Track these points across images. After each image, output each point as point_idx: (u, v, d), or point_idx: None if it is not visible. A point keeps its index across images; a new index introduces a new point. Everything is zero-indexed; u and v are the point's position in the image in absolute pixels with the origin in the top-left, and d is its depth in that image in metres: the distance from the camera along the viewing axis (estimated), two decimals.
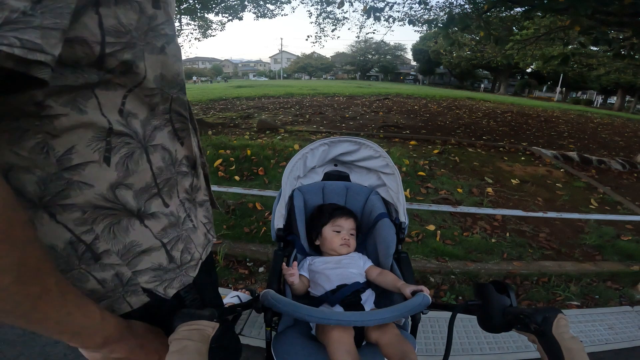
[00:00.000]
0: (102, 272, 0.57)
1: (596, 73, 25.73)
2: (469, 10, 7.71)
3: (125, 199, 0.56)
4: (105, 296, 0.59)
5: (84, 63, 0.44)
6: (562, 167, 5.63)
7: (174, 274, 0.67)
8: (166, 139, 0.62)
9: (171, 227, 0.65)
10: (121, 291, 0.61)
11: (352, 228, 1.45)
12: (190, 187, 0.72)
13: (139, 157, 0.56)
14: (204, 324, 0.79)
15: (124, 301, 0.62)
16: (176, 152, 0.65)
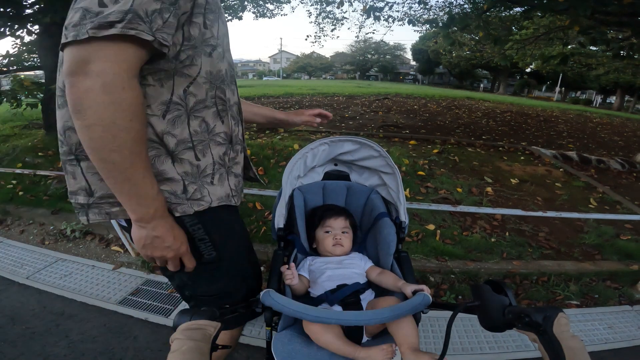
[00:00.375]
0: None
1: (595, 73, 25.77)
2: (468, 10, 7.72)
3: (167, 142, 0.84)
4: None
5: (170, 55, 0.78)
6: (562, 167, 5.64)
7: (180, 201, 0.88)
8: (209, 115, 0.90)
9: (192, 173, 0.89)
10: None
11: (343, 227, 1.44)
12: (224, 155, 0.96)
13: (183, 121, 0.85)
14: (206, 323, 0.79)
15: None
16: (215, 126, 0.92)
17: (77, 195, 0.85)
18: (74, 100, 0.66)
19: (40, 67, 5.54)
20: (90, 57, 0.64)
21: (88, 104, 0.65)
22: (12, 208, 3.50)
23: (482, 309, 0.91)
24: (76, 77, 0.64)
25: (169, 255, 0.87)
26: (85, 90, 0.64)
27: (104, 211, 0.85)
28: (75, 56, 0.64)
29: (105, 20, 0.62)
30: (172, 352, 0.71)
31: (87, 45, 0.64)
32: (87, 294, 2.30)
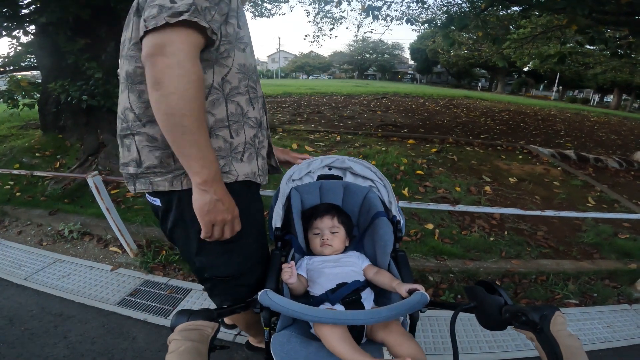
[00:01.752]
0: None
1: (593, 72, 25.80)
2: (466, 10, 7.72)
3: (207, 120, 0.97)
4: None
5: (211, 47, 0.94)
6: (560, 166, 5.65)
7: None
8: (243, 101, 1.06)
9: (224, 149, 1.03)
10: (182, 171, 0.99)
11: (330, 226, 1.44)
12: (254, 138, 1.11)
13: (221, 103, 1.00)
14: (203, 324, 0.79)
15: (180, 180, 1.01)
16: (248, 111, 1.08)
17: (128, 166, 1.01)
18: (154, 75, 0.82)
19: (37, 67, 5.51)
20: (166, 40, 0.81)
21: (167, 77, 0.82)
22: (10, 209, 3.49)
23: (479, 310, 0.91)
24: (156, 57, 0.82)
25: (227, 217, 0.99)
26: (165, 66, 0.81)
27: (148, 181, 1.01)
28: (155, 41, 0.82)
29: (177, 10, 0.81)
30: (169, 353, 0.71)
31: (163, 32, 0.81)
32: (85, 294, 2.29)
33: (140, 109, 0.96)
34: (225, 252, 1.11)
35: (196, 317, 0.79)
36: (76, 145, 4.94)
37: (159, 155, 0.98)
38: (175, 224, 1.08)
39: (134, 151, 0.99)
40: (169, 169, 0.99)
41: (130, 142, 0.99)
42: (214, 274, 1.16)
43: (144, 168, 0.99)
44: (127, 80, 0.96)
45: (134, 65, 0.94)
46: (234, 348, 1.83)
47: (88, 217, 3.22)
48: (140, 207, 3.38)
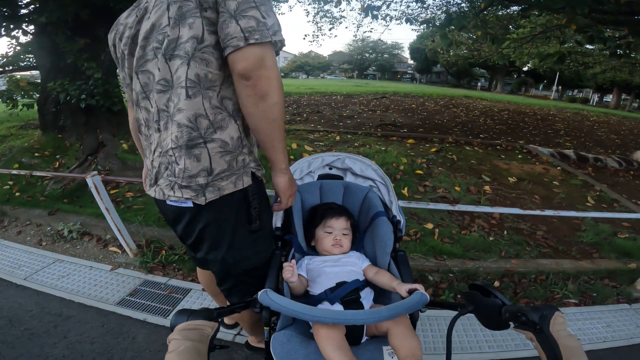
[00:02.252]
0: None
1: (592, 71, 25.80)
2: (465, 9, 7.72)
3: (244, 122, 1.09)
4: None
5: None
6: (559, 165, 5.65)
7: (260, 168, 1.15)
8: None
9: (252, 144, 1.12)
10: (242, 171, 1.09)
11: (344, 228, 1.45)
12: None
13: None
14: (203, 323, 0.78)
15: (242, 179, 1.10)
16: None
17: (198, 177, 1.02)
18: (261, 88, 0.92)
19: (36, 67, 5.50)
20: (266, 55, 0.90)
21: (273, 89, 0.93)
22: (9, 209, 3.49)
23: (478, 313, 0.91)
24: (260, 70, 0.90)
25: (294, 191, 1.25)
26: (270, 79, 0.92)
27: (217, 187, 1.04)
28: (258, 54, 0.89)
29: (274, 29, 0.91)
30: (169, 353, 0.71)
31: (264, 47, 0.90)
32: (85, 295, 2.29)
33: (213, 115, 1.00)
34: (252, 242, 1.18)
35: (196, 317, 0.79)
36: (75, 145, 4.93)
37: (228, 160, 1.04)
38: (211, 223, 1.10)
39: (206, 160, 1.01)
40: (233, 170, 1.06)
41: (201, 151, 1.01)
42: (245, 266, 1.19)
43: (215, 175, 1.03)
44: (199, 84, 0.97)
45: (205, 70, 0.96)
46: (233, 348, 1.83)
47: (87, 217, 3.22)
48: (140, 207, 3.38)
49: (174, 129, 1.01)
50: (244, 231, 1.14)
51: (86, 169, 4.24)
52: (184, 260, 2.65)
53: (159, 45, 0.98)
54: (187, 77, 0.95)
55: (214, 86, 0.98)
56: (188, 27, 0.93)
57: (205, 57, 0.95)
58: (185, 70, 0.95)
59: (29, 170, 3.44)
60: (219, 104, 1.00)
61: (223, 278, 1.25)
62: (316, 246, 1.47)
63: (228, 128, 1.02)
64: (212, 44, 0.95)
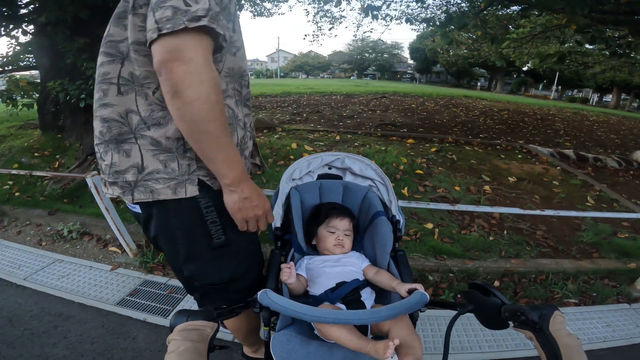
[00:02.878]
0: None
1: (592, 71, 25.85)
2: (465, 9, 7.73)
3: None
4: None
5: (217, 54, 0.91)
6: (559, 165, 5.65)
7: (209, 179, 1.00)
8: (232, 103, 1.04)
9: None
10: (186, 177, 0.97)
11: (347, 229, 1.45)
12: (242, 139, 1.10)
13: None
14: (202, 324, 0.78)
15: (184, 187, 0.97)
16: (238, 113, 1.07)
17: (126, 173, 0.95)
18: (174, 83, 0.79)
19: (36, 66, 5.50)
20: (183, 45, 0.78)
21: (188, 84, 0.79)
22: (9, 209, 3.48)
23: (478, 312, 0.91)
24: (173, 63, 0.78)
25: (259, 212, 1.03)
26: (184, 73, 0.78)
27: (148, 189, 0.95)
28: (170, 45, 0.78)
29: (196, 14, 0.77)
30: (169, 353, 0.71)
31: (179, 36, 0.77)
32: (85, 295, 2.29)
33: (146, 112, 0.92)
34: (216, 257, 1.07)
35: (195, 317, 0.79)
36: (75, 145, 4.93)
37: (163, 159, 0.94)
38: (160, 231, 1.04)
39: (136, 156, 0.94)
40: (173, 175, 0.95)
41: (131, 147, 0.93)
42: (205, 282, 1.11)
43: (146, 174, 0.94)
44: (133, 82, 0.92)
45: (139, 69, 0.90)
46: (233, 348, 1.83)
47: (87, 217, 3.22)
48: None
49: (96, 124, 0.97)
50: (203, 246, 1.04)
51: (86, 168, 4.24)
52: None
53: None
54: (119, 74, 0.92)
55: (149, 83, 0.91)
56: (123, 27, 0.91)
57: (136, 57, 0.89)
58: (117, 69, 0.92)
59: (29, 170, 3.44)
60: (158, 100, 0.92)
61: (188, 289, 1.19)
62: (317, 245, 1.47)
63: (166, 127, 0.92)
64: (138, 41, 0.89)
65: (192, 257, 1.05)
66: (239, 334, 1.53)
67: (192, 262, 1.06)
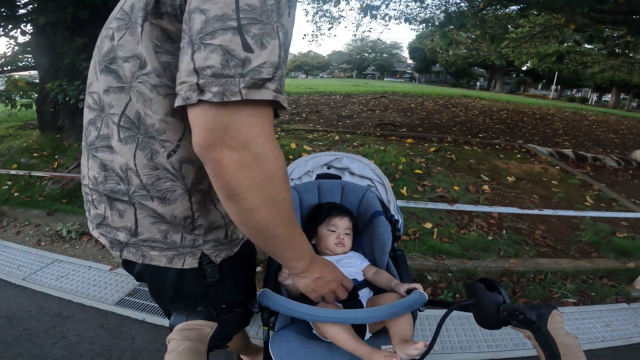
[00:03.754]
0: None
1: (591, 71, 25.86)
2: (464, 9, 7.73)
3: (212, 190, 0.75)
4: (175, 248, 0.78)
5: None
6: (558, 165, 5.66)
7: (223, 247, 0.84)
8: None
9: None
10: (188, 250, 0.79)
11: (347, 227, 1.45)
12: None
13: None
14: (202, 323, 0.78)
15: (183, 258, 0.79)
16: None
17: (118, 232, 0.77)
18: (226, 182, 0.56)
19: (34, 67, 5.50)
20: (232, 122, 0.52)
21: (247, 186, 0.56)
22: (8, 209, 3.48)
23: (476, 307, 0.91)
24: (221, 150, 0.53)
25: (333, 286, 0.92)
26: (237, 167, 0.54)
27: (140, 252, 0.78)
28: (216, 122, 0.52)
29: (259, 76, 0.51)
30: (168, 353, 0.71)
31: (232, 109, 0.51)
32: (84, 295, 2.29)
33: (149, 179, 0.69)
34: (207, 296, 0.92)
35: (195, 317, 0.79)
36: (74, 145, 4.93)
37: (164, 230, 0.75)
38: (146, 279, 0.88)
39: (130, 220, 0.74)
40: (173, 246, 0.78)
41: (126, 209, 0.74)
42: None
43: (140, 239, 0.76)
44: (138, 127, 0.65)
45: (151, 112, 0.63)
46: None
47: (86, 217, 3.21)
48: None
49: (92, 165, 0.75)
50: (194, 284, 0.86)
51: None
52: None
53: (99, 44, 0.71)
54: (123, 112, 0.65)
55: (160, 139, 0.65)
56: (136, 38, 0.61)
57: (143, 91, 0.62)
58: (124, 102, 0.65)
59: (28, 171, 3.45)
60: (172, 168, 0.68)
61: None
62: (317, 244, 1.47)
63: (175, 204, 0.72)
64: (155, 71, 0.61)
65: (180, 296, 0.88)
66: (234, 347, 1.47)
67: (179, 302, 0.89)
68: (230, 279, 0.93)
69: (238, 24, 0.49)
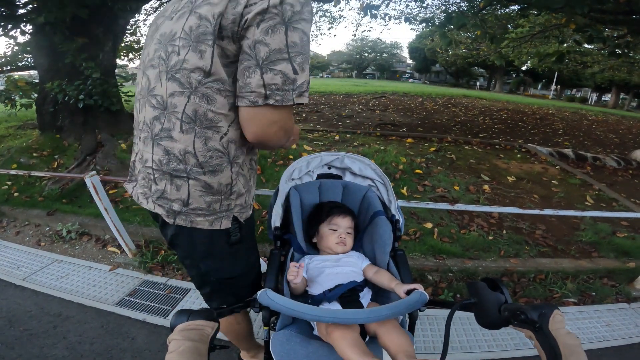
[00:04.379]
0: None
1: (590, 71, 25.84)
2: (464, 9, 7.73)
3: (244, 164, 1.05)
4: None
5: None
6: (558, 164, 5.66)
7: (246, 210, 1.10)
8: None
9: (245, 183, 1.06)
10: (224, 214, 1.03)
11: (349, 227, 1.45)
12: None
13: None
14: (203, 323, 0.78)
15: (220, 221, 1.03)
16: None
17: (173, 203, 0.99)
18: (269, 147, 0.95)
19: (34, 67, 5.50)
20: (282, 117, 0.87)
21: (277, 145, 0.94)
22: (8, 209, 3.48)
23: (478, 307, 0.91)
24: (273, 132, 0.88)
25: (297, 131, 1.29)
26: (278, 140, 0.91)
27: (189, 219, 1.01)
28: (272, 117, 0.85)
29: (302, 89, 0.84)
30: (169, 353, 0.71)
31: (281, 110, 0.85)
32: (84, 295, 2.29)
33: (204, 157, 0.93)
34: (232, 254, 1.12)
35: (196, 317, 0.79)
36: (74, 145, 4.93)
37: (209, 201, 0.99)
38: (179, 235, 1.06)
39: (184, 193, 0.97)
40: (213, 212, 1.01)
41: (182, 184, 0.96)
42: (220, 276, 1.15)
43: (190, 208, 0.99)
44: (195, 121, 0.89)
45: (206, 107, 0.87)
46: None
47: (86, 217, 3.22)
48: (139, 207, 3.36)
49: (157, 150, 0.96)
50: (222, 244, 1.08)
51: (85, 169, 4.24)
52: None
53: (165, 57, 0.89)
54: (184, 110, 0.88)
55: (215, 127, 0.90)
56: (198, 54, 0.83)
57: (208, 93, 0.86)
58: (184, 103, 0.88)
59: (28, 171, 3.44)
60: (222, 147, 0.93)
61: (200, 284, 1.24)
62: (318, 243, 1.47)
63: (221, 174, 0.97)
64: (220, 80, 0.85)
65: (210, 254, 1.09)
66: (231, 336, 1.53)
67: (210, 259, 1.10)
68: (247, 240, 1.16)
69: (289, 57, 0.80)
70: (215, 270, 1.14)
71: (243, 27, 0.79)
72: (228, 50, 0.83)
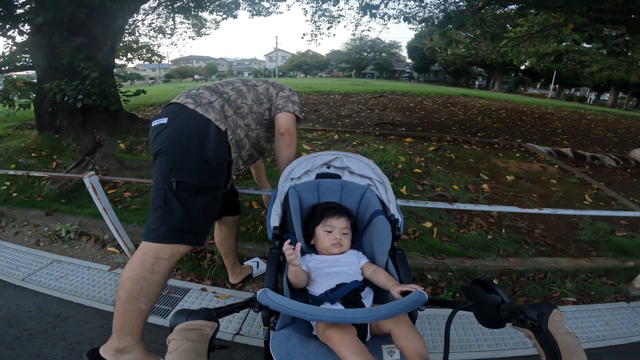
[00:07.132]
0: None
1: (589, 70, 25.93)
2: (463, 8, 7.73)
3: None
4: None
5: None
6: (557, 163, 5.67)
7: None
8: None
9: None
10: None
11: (344, 227, 1.45)
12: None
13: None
14: (202, 323, 0.78)
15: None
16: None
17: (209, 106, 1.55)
18: (289, 142, 1.70)
19: (32, 67, 5.49)
20: (291, 122, 1.71)
21: (290, 143, 1.72)
22: (6, 209, 3.47)
23: (477, 309, 0.91)
24: (288, 133, 1.69)
25: None
26: (291, 136, 1.71)
27: (204, 110, 1.52)
28: (289, 121, 1.70)
29: (299, 112, 1.77)
30: (169, 353, 0.71)
31: (292, 117, 1.72)
32: (83, 295, 2.28)
33: (251, 137, 1.76)
34: (201, 167, 1.42)
35: (195, 317, 0.79)
36: (72, 145, 4.92)
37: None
38: (176, 130, 1.44)
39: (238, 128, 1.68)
40: (225, 119, 1.56)
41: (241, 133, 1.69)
42: (181, 178, 1.37)
43: (211, 106, 1.55)
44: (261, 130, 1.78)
45: (256, 130, 1.74)
46: (233, 348, 1.83)
47: (85, 217, 3.21)
48: (138, 207, 3.37)
49: (247, 144, 1.77)
50: (196, 154, 1.40)
51: (83, 169, 4.23)
52: (182, 260, 2.64)
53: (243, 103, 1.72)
54: (250, 126, 1.74)
55: (253, 130, 1.74)
56: (254, 103, 1.72)
57: (251, 125, 1.72)
58: (256, 132, 1.77)
59: (26, 171, 3.44)
60: (255, 139, 1.78)
61: (159, 195, 1.40)
62: (315, 245, 1.47)
63: (250, 142, 1.74)
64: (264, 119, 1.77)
65: (183, 154, 1.40)
66: (224, 247, 2.22)
67: (183, 162, 1.39)
68: (215, 164, 1.46)
69: (291, 101, 1.76)
70: (180, 170, 1.44)
71: None
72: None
